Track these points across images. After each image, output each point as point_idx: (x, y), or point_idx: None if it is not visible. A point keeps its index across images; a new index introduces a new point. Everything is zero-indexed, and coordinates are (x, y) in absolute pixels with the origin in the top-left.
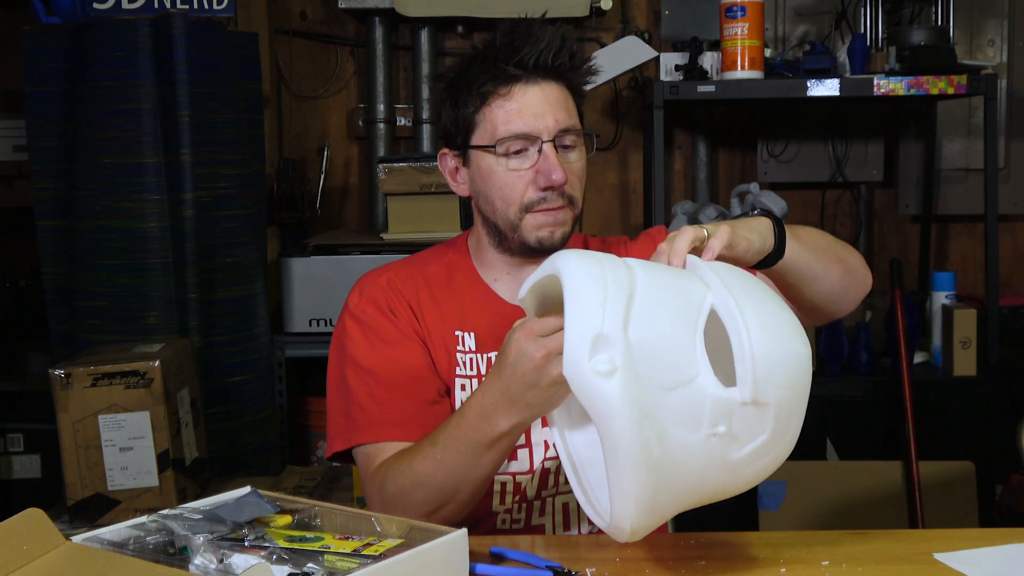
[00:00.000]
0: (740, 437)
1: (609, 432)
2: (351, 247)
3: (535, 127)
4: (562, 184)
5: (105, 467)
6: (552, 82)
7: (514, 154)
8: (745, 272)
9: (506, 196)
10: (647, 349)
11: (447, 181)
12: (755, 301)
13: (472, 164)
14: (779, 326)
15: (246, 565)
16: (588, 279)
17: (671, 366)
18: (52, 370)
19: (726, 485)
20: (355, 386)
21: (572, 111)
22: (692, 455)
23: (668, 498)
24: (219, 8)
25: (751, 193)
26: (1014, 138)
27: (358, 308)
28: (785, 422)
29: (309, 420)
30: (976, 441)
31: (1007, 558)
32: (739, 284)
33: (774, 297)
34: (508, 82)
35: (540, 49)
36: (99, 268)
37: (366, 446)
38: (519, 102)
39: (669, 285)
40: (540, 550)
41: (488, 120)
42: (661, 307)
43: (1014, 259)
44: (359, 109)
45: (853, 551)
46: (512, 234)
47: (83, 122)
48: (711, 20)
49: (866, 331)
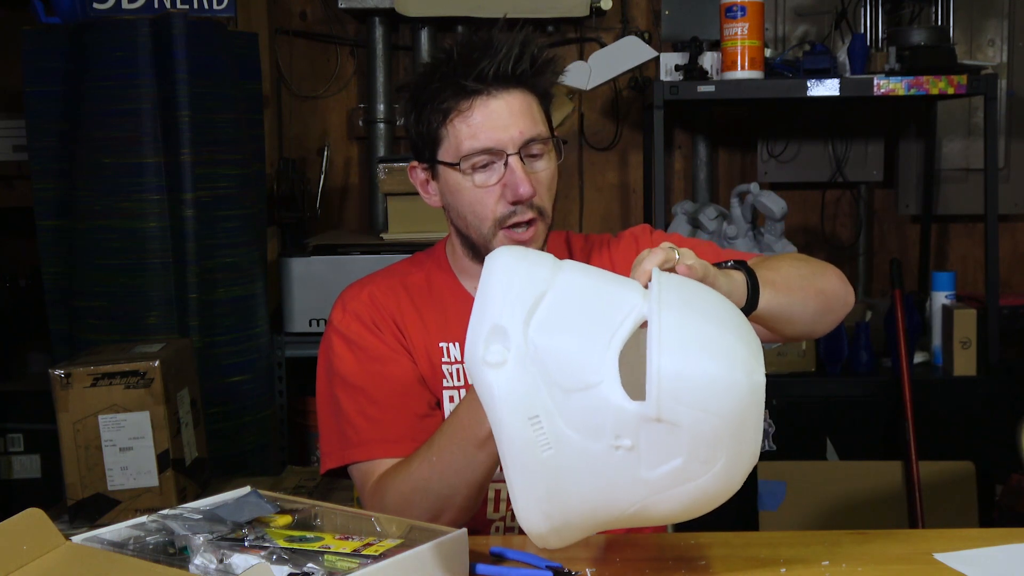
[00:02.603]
0: (649, 455)
1: (495, 425)
2: (351, 247)
3: (499, 140)
4: (530, 197)
5: (105, 467)
6: (515, 90)
7: (480, 168)
8: (708, 291)
9: (477, 212)
10: (548, 348)
11: (419, 192)
12: (690, 318)
13: (441, 179)
14: (708, 347)
15: (246, 565)
16: (502, 272)
17: (573, 368)
18: (52, 370)
19: (647, 507)
20: (346, 404)
21: (537, 118)
22: (594, 464)
23: (572, 505)
24: (219, 8)
25: (751, 193)
26: (1014, 138)
27: (343, 324)
28: (708, 449)
29: (309, 420)
30: (976, 441)
31: (1007, 558)
32: (682, 300)
33: (728, 320)
34: (468, 96)
35: (499, 60)
36: (99, 268)
37: (360, 464)
38: (481, 116)
39: (597, 290)
40: (540, 550)
41: (452, 136)
42: (576, 310)
43: (1014, 259)
44: (359, 109)
45: (853, 551)
46: (486, 248)
47: (83, 122)
48: (711, 20)
49: (866, 331)
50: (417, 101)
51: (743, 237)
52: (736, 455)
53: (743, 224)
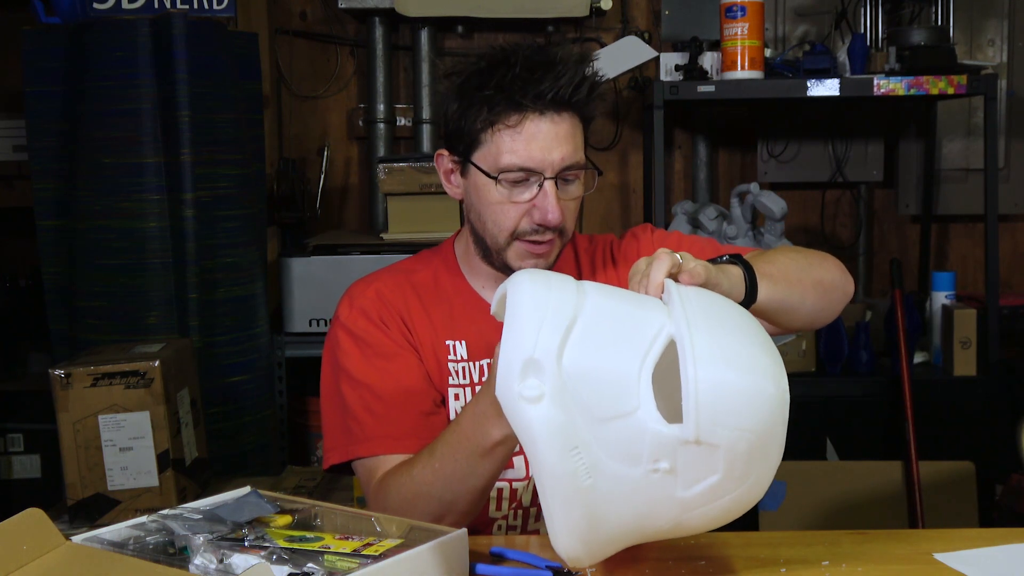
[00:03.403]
0: (686, 475)
1: (534, 459)
2: (351, 247)
3: (540, 163)
4: (557, 224)
5: (105, 467)
6: (565, 114)
7: (514, 184)
8: (722, 300)
9: (499, 222)
10: (582, 377)
11: (440, 179)
12: (717, 335)
13: (470, 178)
14: (739, 364)
15: (246, 565)
16: (530, 301)
17: (608, 396)
18: (52, 370)
19: (681, 523)
20: (351, 399)
21: (579, 144)
22: (632, 489)
23: (610, 529)
24: (219, 8)
25: (751, 193)
26: (1014, 138)
27: (350, 320)
28: (743, 465)
29: (309, 420)
30: (976, 441)
31: (1007, 558)
32: (705, 315)
33: (749, 330)
34: (520, 111)
35: (560, 85)
36: (99, 268)
37: (364, 459)
38: (527, 135)
39: (623, 313)
40: (540, 550)
41: (493, 144)
42: (606, 335)
43: (1014, 259)
44: (359, 109)
45: (853, 551)
46: (497, 255)
47: (83, 122)
48: (711, 20)
49: (866, 331)
50: (464, 96)
51: (743, 237)
52: (767, 466)
53: (743, 224)
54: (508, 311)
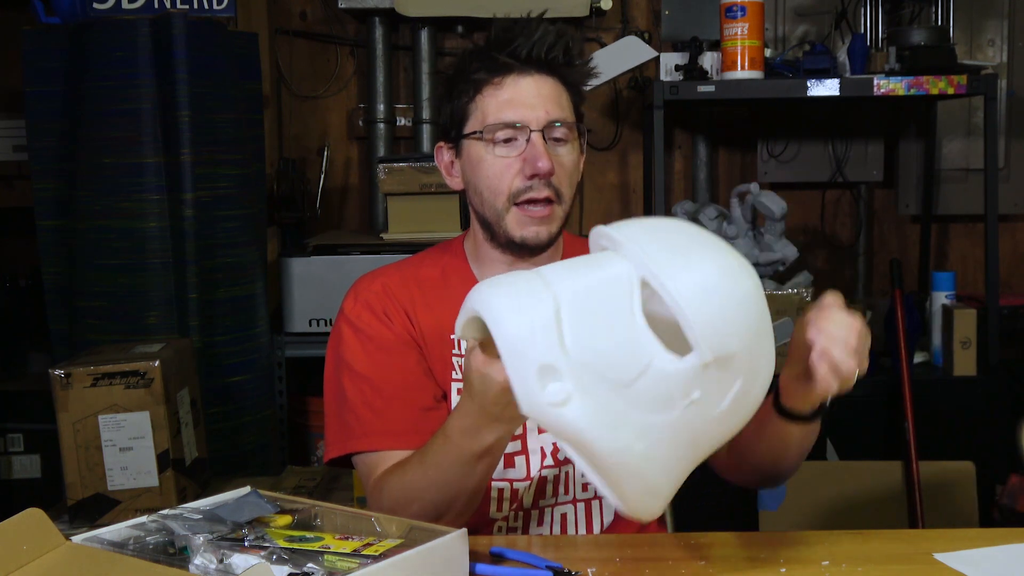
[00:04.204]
0: (716, 394)
1: (587, 453)
2: (351, 247)
3: (524, 116)
4: (548, 172)
5: (105, 467)
6: (545, 76)
7: (503, 143)
8: (658, 222)
9: (493, 186)
10: (592, 358)
11: (443, 175)
12: (678, 258)
13: (464, 155)
14: (714, 273)
15: (246, 565)
16: (508, 311)
17: (622, 362)
18: (52, 370)
19: (720, 435)
20: (351, 393)
21: (565, 106)
22: (677, 430)
23: (673, 473)
24: (219, 8)
25: (751, 193)
26: (1014, 138)
27: (353, 313)
28: (756, 360)
29: (309, 420)
30: (976, 441)
31: (1007, 558)
32: (659, 244)
33: (701, 238)
34: (500, 72)
35: (533, 41)
36: (99, 268)
37: (364, 454)
38: (510, 92)
39: (592, 282)
40: (540, 550)
41: (480, 109)
42: (592, 310)
43: (1014, 259)
44: (359, 109)
45: (853, 551)
46: (499, 227)
47: (83, 122)
48: (711, 20)
49: None
50: (452, 80)
51: (743, 237)
52: (768, 348)
53: (743, 224)
54: (494, 333)
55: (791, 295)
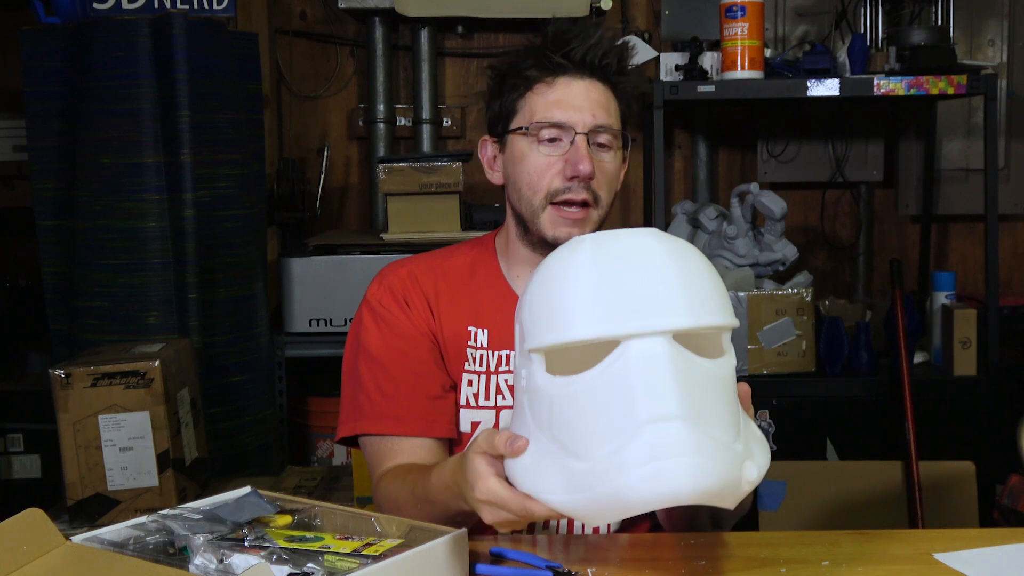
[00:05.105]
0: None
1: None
2: (351, 247)
3: (571, 118)
4: (588, 175)
5: (105, 467)
6: (597, 81)
7: (547, 141)
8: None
9: (532, 183)
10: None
11: (484, 170)
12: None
13: (507, 150)
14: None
15: (246, 565)
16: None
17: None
18: (52, 370)
19: None
20: (365, 376)
21: (613, 113)
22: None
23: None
24: (219, 8)
25: (751, 193)
26: (1014, 138)
27: (375, 297)
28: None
29: (309, 420)
30: (976, 441)
31: (1007, 558)
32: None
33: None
34: (553, 72)
35: (589, 46)
36: (99, 268)
37: (371, 436)
38: (560, 93)
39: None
40: (540, 550)
41: (528, 106)
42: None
43: (1014, 259)
44: (359, 109)
45: (853, 551)
46: (533, 224)
47: (83, 122)
48: (711, 20)
49: (866, 331)
50: (503, 75)
51: (743, 237)
52: None
53: (743, 224)
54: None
55: (791, 295)
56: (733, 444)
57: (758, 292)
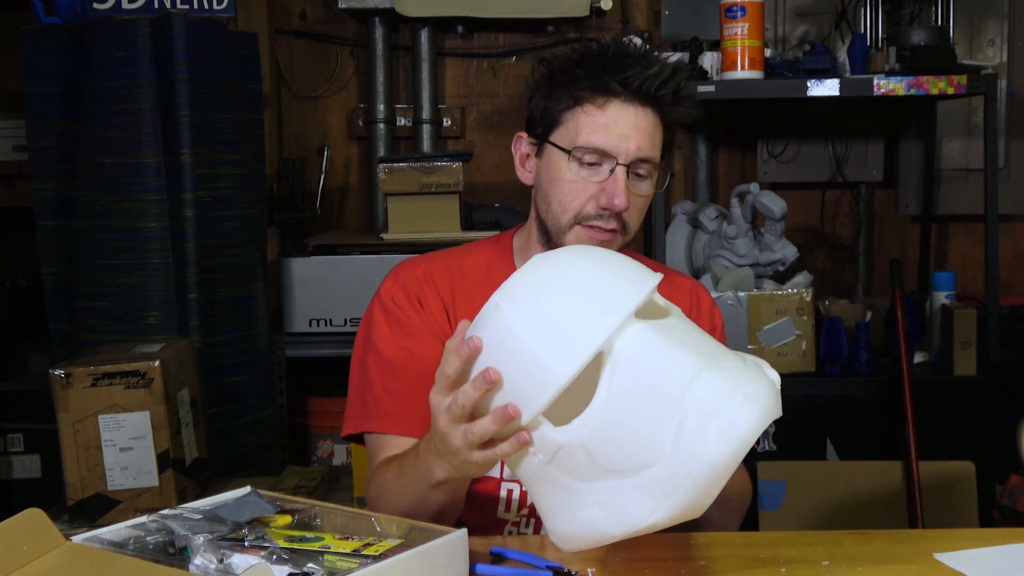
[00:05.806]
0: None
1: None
2: (351, 247)
3: (615, 147)
4: (623, 210)
5: (105, 467)
6: (648, 109)
7: (587, 165)
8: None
9: (564, 202)
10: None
11: (515, 164)
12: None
13: (544, 158)
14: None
15: (246, 565)
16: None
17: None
18: (52, 370)
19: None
20: (373, 373)
21: (657, 143)
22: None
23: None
24: (219, 8)
25: (751, 193)
26: (1014, 138)
27: (388, 296)
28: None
29: (309, 420)
30: (976, 441)
31: (1007, 558)
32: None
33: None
34: (607, 95)
35: (648, 75)
36: (99, 268)
37: (375, 435)
38: (609, 118)
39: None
40: (540, 550)
41: (574, 123)
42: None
43: (1014, 259)
44: (359, 109)
45: (853, 551)
46: (556, 237)
47: (83, 122)
48: (711, 20)
49: (866, 331)
50: (554, 78)
51: (743, 237)
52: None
53: (743, 224)
54: (741, 444)
55: (791, 295)
56: (746, 364)
57: (758, 292)
